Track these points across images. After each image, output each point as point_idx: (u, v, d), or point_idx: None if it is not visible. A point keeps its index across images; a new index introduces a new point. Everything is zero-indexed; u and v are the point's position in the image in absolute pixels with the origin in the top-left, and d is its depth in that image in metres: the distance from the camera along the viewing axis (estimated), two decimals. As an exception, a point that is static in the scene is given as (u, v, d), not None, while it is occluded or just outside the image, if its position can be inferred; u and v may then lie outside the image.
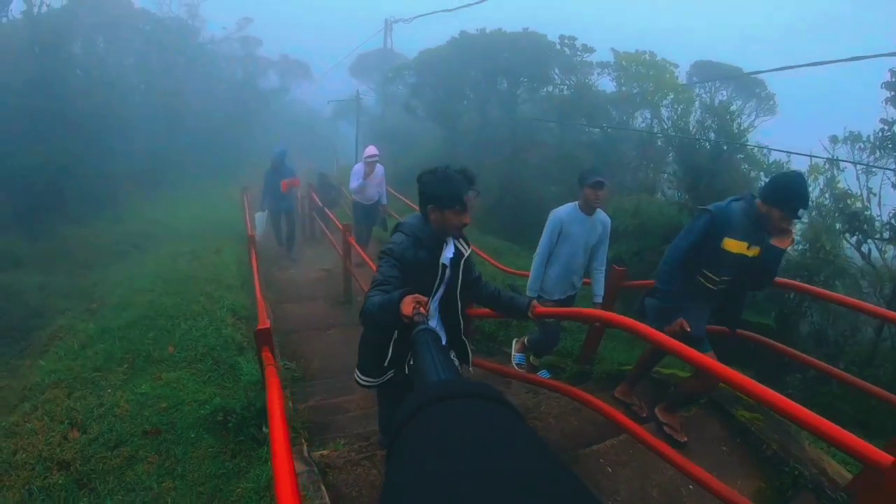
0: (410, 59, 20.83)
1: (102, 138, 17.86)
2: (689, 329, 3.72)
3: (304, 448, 4.08)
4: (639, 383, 4.76)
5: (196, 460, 4.44)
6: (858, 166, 9.58)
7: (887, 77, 8.71)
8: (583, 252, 5.14)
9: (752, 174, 10.95)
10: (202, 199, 19.96)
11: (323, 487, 3.42)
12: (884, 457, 1.81)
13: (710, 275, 3.73)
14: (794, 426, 3.85)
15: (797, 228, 9.03)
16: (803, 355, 4.59)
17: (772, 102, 17.24)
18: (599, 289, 5.37)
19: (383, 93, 25.47)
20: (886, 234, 8.72)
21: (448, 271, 3.07)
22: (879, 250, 8.97)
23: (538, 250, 5.18)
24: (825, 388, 7.45)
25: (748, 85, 17.06)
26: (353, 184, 9.89)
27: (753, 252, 3.64)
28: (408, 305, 2.18)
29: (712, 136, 11.19)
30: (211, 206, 18.74)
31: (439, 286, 3.08)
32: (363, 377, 3.36)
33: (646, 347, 4.79)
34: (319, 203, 12.99)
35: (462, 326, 3.29)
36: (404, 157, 19.98)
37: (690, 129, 12.41)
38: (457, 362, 3.37)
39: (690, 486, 3.65)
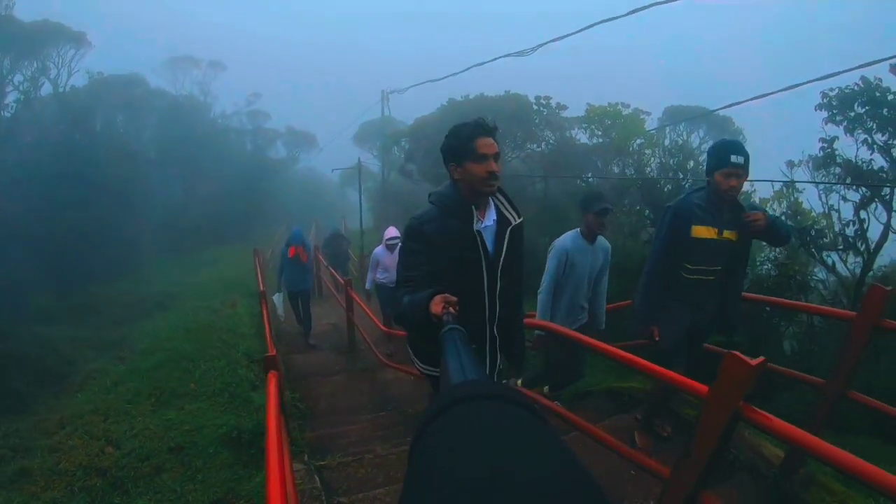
0: (406, 127, 21.95)
1: (124, 206, 19.03)
2: (657, 338, 3.67)
3: (305, 457, 4.70)
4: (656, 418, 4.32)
5: (214, 469, 5.07)
6: (820, 186, 9.94)
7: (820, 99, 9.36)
8: (587, 282, 4.78)
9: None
10: (217, 262, 20.82)
11: (317, 477, 4.05)
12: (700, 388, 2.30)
13: (690, 266, 3.54)
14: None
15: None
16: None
17: (741, 136, 17.98)
18: (602, 316, 5.09)
19: (384, 159, 26.47)
20: (841, 245, 9.27)
21: (488, 243, 2.52)
22: (843, 261, 9.48)
23: (544, 285, 4.71)
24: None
25: (718, 123, 18.04)
26: (380, 277, 8.72)
27: (730, 236, 3.48)
28: (437, 305, 1.99)
29: (670, 174, 11.96)
30: (225, 268, 19.50)
31: (483, 259, 2.50)
32: (423, 365, 2.82)
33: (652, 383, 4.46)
34: (325, 263, 13.64)
35: (500, 316, 2.65)
36: (405, 218, 20.68)
37: (653, 169, 13.17)
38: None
39: (632, 472, 3.80)
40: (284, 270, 9.58)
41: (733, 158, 3.28)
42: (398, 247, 7.80)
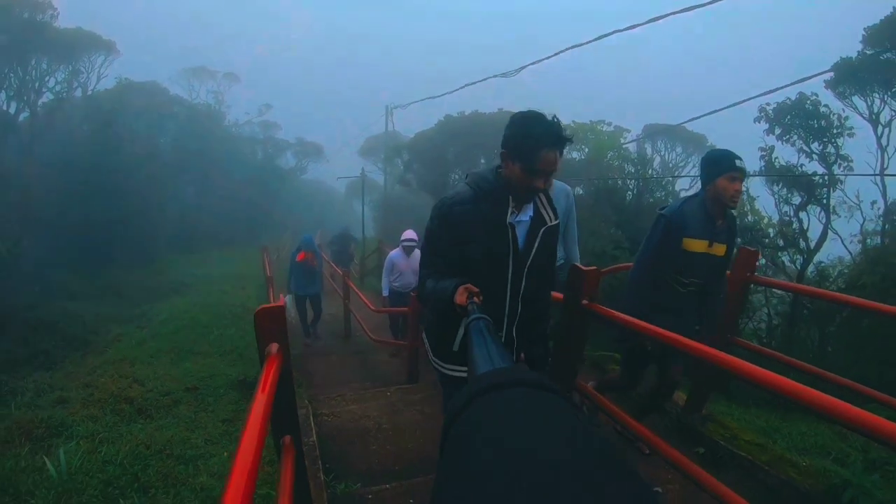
0: (407, 140, 22.87)
1: (144, 203, 19.91)
2: (648, 347, 3.53)
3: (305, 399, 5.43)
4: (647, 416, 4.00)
5: (222, 404, 5.83)
6: (776, 193, 10.85)
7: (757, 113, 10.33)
8: None
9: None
10: (227, 259, 21.58)
11: (311, 417, 4.74)
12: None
13: (680, 278, 3.39)
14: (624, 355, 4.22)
15: None
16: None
17: None
18: (574, 254, 4.62)
19: (387, 170, 27.20)
20: (780, 242, 10.10)
21: (519, 238, 2.29)
22: (791, 259, 10.29)
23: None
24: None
25: (694, 139, 19.14)
26: (395, 282, 8.27)
27: (719, 251, 3.35)
28: (461, 295, 1.93)
29: (630, 181, 12.85)
30: (235, 265, 20.25)
31: (511, 253, 2.27)
32: (443, 364, 2.50)
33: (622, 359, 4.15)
34: (326, 258, 14.30)
35: (521, 317, 2.44)
36: (406, 225, 21.40)
37: (615, 178, 14.04)
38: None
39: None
40: (293, 274, 9.57)
41: (738, 164, 3.16)
42: (415, 251, 7.97)
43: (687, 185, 15.92)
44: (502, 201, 2.21)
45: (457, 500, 0.44)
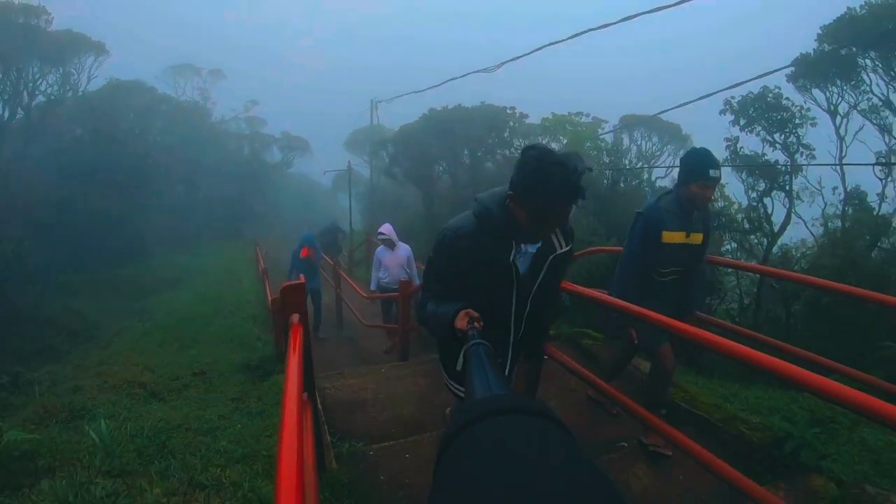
0: (392, 133, 23.18)
1: (134, 201, 20.20)
2: (636, 341, 3.69)
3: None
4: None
5: (229, 385, 6.26)
6: (746, 181, 11.40)
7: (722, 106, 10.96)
8: None
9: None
10: (218, 254, 21.84)
11: (315, 391, 5.17)
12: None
13: (660, 269, 3.52)
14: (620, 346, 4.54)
15: None
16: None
17: (688, 141, 19.62)
18: None
19: (373, 164, 27.45)
20: (746, 225, 10.67)
21: (521, 266, 2.23)
22: (758, 241, 10.87)
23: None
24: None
25: (669, 129, 19.75)
26: (382, 277, 8.15)
27: (696, 240, 3.49)
28: (462, 320, 1.88)
29: (606, 171, 13.41)
30: (227, 259, 20.62)
31: (514, 289, 2.24)
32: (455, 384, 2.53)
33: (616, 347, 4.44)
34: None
35: (524, 336, 2.44)
36: (392, 217, 21.92)
37: (590, 168, 14.57)
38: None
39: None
40: (295, 270, 9.52)
41: (712, 173, 3.26)
42: (399, 245, 7.95)
43: (662, 174, 16.56)
44: (507, 240, 2.11)
45: None
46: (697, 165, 3.32)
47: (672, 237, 3.40)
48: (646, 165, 15.09)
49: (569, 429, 0.59)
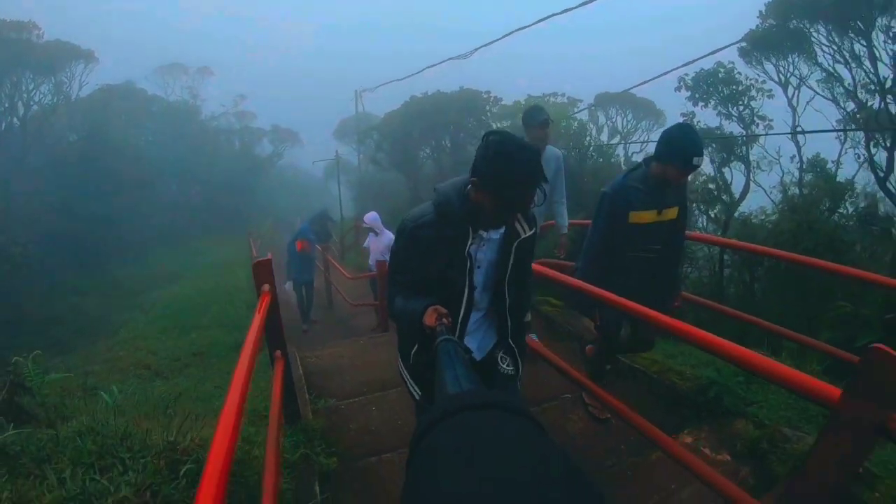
0: (378, 121, 23.45)
1: (130, 202, 20.83)
2: (598, 323, 3.61)
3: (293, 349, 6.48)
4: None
5: (226, 363, 6.85)
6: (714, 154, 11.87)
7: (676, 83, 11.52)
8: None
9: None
10: (214, 248, 22.43)
11: (299, 359, 5.76)
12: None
13: (628, 250, 3.28)
14: (581, 314, 4.72)
15: None
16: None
17: (662, 118, 20.39)
18: (563, 220, 4.97)
19: (360, 151, 27.77)
20: (716, 193, 11.23)
21: (488, 254, 2.22)
22: (720, 210, 11.43)
23: None
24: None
25: (643, 104, 20.36)
26: (371, 262, 8.73)
27: (670, 215, 3.23)
28: (430, 317, 1.87)
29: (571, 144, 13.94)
30: (222, 252, 20.96)
31: (467, 284, 2.18)
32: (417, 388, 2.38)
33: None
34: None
35: (510, 327, 2.38)
36: (380, 203, 22.53)
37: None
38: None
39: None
40: (292, 262, 9.67)
41: (695, 161, 2.98)
42: (384, 232, 8.24)
43: (637, 149, 17.11)
44: (464, 229, 2.07)
45: None
46: (680, 150, 3.02)
47: (641, 217, 3.17)
48: (614, 143, 15.62)
49: (541, 424, 0.60)
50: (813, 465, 1.65)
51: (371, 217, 8.37)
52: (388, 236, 8.30)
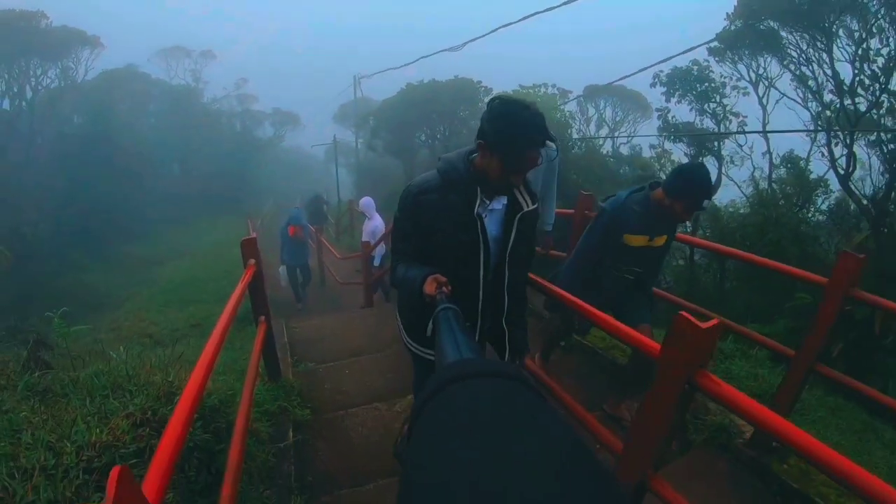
0: (376, 107, 23.64)
1: (134, 183, 21.41)
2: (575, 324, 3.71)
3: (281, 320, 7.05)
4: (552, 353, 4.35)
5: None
6: (688, 149, 12.38)
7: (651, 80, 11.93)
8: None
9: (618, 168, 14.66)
10: (215, 228, 22.94)
11: (284, 328, 6.35)
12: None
13: (613, 268, 3.33)
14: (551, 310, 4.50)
15: None
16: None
17: (649, 110, 20.01)
18: (549, 218, 4.92)
19: (358, 136, 28.08)
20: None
21: (491, 227, 2.16)
22: None
23: None
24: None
25: (632, 96, 20.82)
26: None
27: (659, 242, 3.28)
28: (430, 285, 1.85)
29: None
30: (223, 232, 21.31)
31: (482, 246, 2.12)
32: (417, 346, 2.43)
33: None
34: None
35: (506, 308, 2.35)
36: (379, 188, 22.92)
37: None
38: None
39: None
40: (285, 246, 9.78)
41: (705, 203, 2.98)
42: (371, 218, 8.57)
43: (624, 140, 17.58)
44: (471, 192, 2.05)
45: (427, 490, 0.43)
46: (696, 191, 2.96)
47: (634, 240, 3.21)
48: (599, 137, 16.12)
49: (541, 391, 0.59)
50: (648, 404, 1.92)
51: (364, 202, 8.76)
52: (377, 221, 8.73)
